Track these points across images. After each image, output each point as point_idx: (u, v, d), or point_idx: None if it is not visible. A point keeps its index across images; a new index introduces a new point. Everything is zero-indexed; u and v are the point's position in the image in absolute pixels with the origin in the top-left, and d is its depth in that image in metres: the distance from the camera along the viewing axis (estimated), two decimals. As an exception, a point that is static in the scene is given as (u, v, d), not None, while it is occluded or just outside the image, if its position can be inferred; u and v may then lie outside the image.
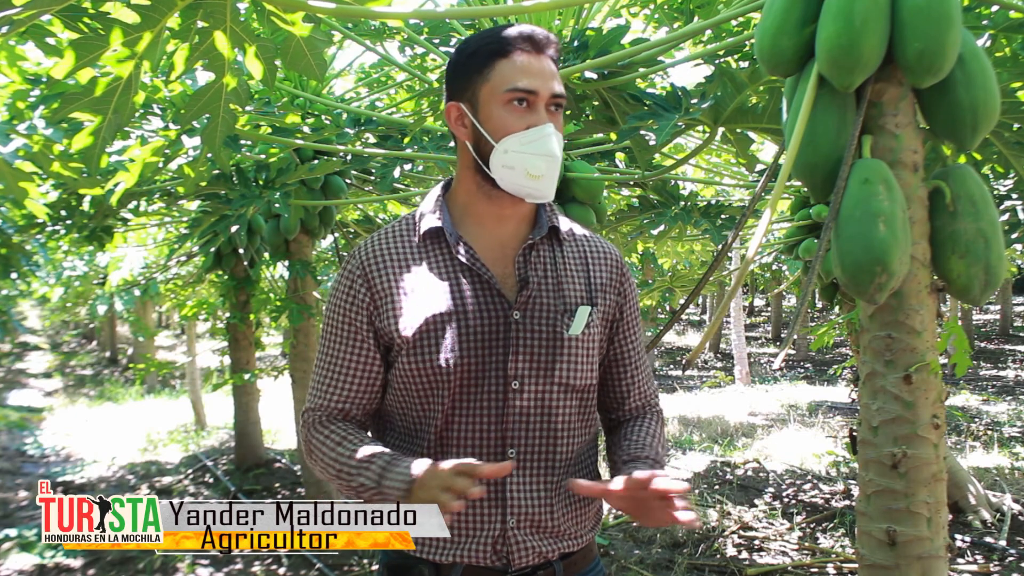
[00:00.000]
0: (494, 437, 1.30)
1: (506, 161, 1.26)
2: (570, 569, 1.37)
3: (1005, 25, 1.78)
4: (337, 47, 3.92)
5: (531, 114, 1.27)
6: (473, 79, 1.29)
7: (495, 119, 1.27)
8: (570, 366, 1.32)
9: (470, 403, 1.30)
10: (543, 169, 1.26)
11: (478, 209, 1.35)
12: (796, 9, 1.48)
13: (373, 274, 1.33)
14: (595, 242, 1.44)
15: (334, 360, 1.36)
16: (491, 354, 1.29)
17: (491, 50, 1.27)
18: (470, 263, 1.32)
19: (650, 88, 3.15)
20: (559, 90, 1.29)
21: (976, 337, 15.89)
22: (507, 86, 1.25)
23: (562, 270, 1.36)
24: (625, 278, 1.43)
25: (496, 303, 1.30)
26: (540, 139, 1.26)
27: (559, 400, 1.32)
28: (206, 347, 17.74)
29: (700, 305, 21.45)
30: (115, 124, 1.62)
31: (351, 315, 1.34)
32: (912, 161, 1.49)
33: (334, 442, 1.33)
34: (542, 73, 1.27)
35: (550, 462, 1.33)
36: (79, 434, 8.80)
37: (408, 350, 1.30)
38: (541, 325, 1.31)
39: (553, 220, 1.39)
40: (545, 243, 1.38)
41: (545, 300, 1.32)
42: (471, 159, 1.32)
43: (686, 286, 4.81)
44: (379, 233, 1.39)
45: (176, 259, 7.01)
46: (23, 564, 4.49)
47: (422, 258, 1.34)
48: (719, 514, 4.98)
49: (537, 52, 1.28)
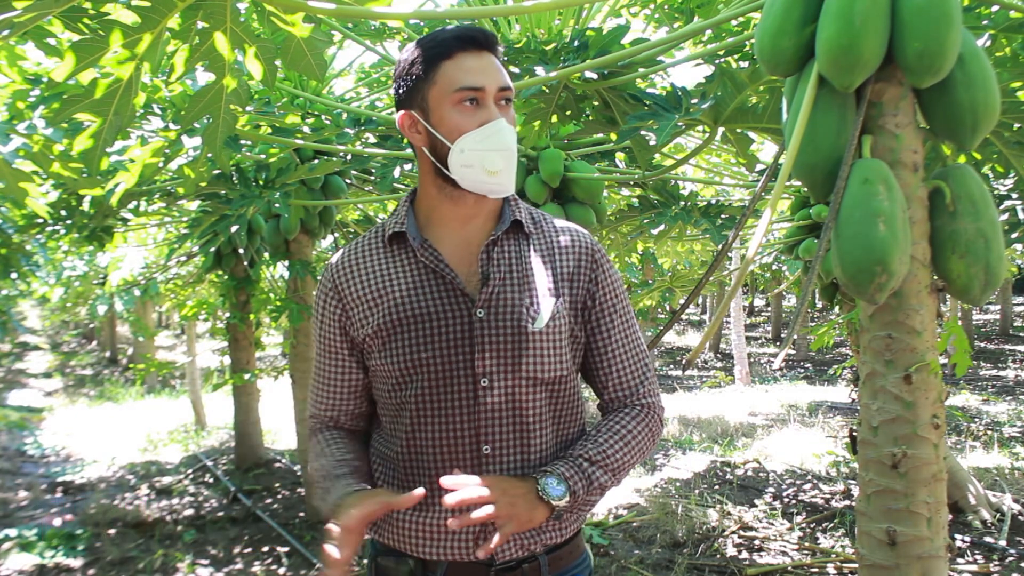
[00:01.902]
0: (468, 435, 1.31)
1: (464, 160, 1.27)
2: (556, 563, 1.37)
3: (1005, 25, 1.78)
4: (337, 47, 3.92)
5: (481, 111, 1.28)
6: (420, 85, 1.30)
7: (447, 121, 1.28)
8: (536, 359, 1.32)
9: (441, 403, 1.31)
10: (500, 164, 1.28)
11: (442, 212, 1.37)
12: (796, 9, 1.48)
13: (343, 285, 1.38)
14: (566, 231, 1.42)
15: (319, 370, 1.45)
16: (458, 353, 1.30)
17: (434, 54, 1.28)
18: (433, 264, 1.34)
19: (650, 88, 3.15)
20: (506, 83, 1.30)
21: (976, 337, 15.89)
22: (455, 86, 1.27)
23: (528, 263, 1.36)
24: (598, 266, 1.40)
25: (459, 302, 1.32)
26: (495, 135, 1.27)
27: (528, 394, 1.32)
28: (206, 347, 17.75)
29: (700, 305, 21.45)
30: (116, 126, 1.62)
31: (326, 327, 1.41)
32: (912, 161, 1.49)
33: (317, 452, 1.42)
34: (487, 69, 1.28)
35: (524, 456, 1.33)
36: (79, 434, 8.80)
37: (378, 354, 1.34)
38: (505, 321, 1.31)
39: (516, 214, 1.39)
40: (510, 238, 1.38)
41: (509, 295, 1.33)
42: (430, 164, 1.33)
43: (686, 286, 4.81)
44: (350, 245, 1.43)
45: (176, 259, 7.01)
46: (23, 564, 4.49)
47: (388, 264, 1.37)
48: (719, 514, 4.98)
49: (479, 50, 1.28)
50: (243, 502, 5.59)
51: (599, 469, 1.31)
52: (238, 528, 5.11)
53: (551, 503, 1.25)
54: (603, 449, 1.33)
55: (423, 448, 1.33)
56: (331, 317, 1.39)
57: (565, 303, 1.36)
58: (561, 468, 1.28)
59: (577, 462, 1.30)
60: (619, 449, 1.34)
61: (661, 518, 4.91)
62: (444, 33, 1.29)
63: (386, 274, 1.36)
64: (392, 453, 1.38)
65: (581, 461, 1.31)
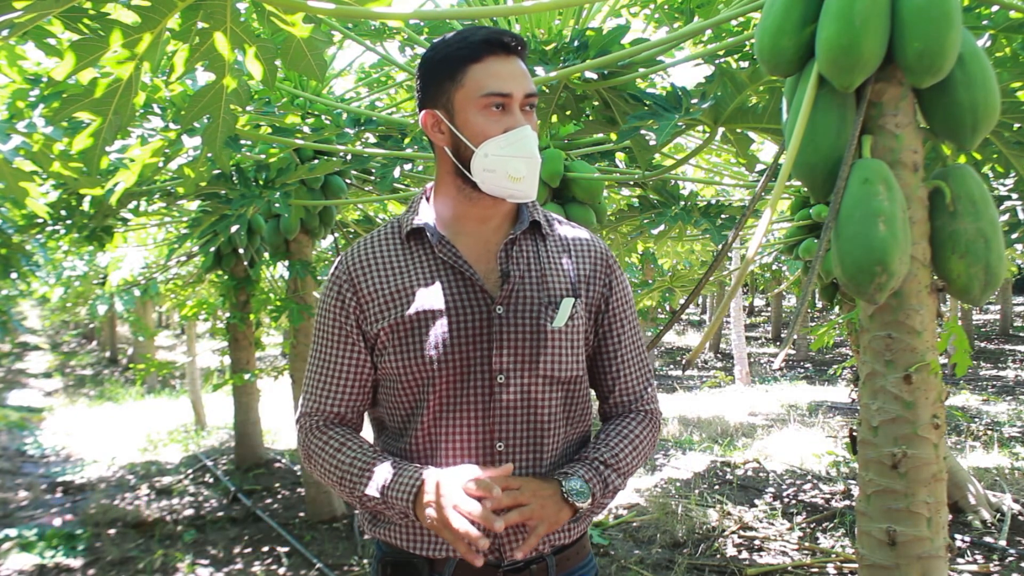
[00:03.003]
0: (482, 432, 1.31)
1: (487, 165, 1.28)
2: (564, 564, 1.38)
3: (1005, 25, 1.78)
4: (337, 47, 3.92)
5: (507, 117, 1.28)
6: (446, 86, 1.29)
7: (472, 124, 1.28)
8: (554, 358, 1.33)
9: (457, 399, 1.31)
10: (524, 171, 1.28)
11: (460, 210, 1.37)
12: (796, 9, 1.48)
13: (359, 277, 1.35)
14: (580, 235, 1.45)
15: (326, 364, 1.38)
16: (476, 350, 1.30)
17: (462, 56, 1.28)
18: (452, 261, 1.33)
19: (650, 88, 3.15)
20: (532, 90, 1.30)
21: (976, 337, 15.89)
22: (482, 91, 1.26)
23: (545, 263, 1.37)
24: (612, 272, 1.43)
25: (479, 299, 1.32)
26: (519, 141, 1.27)
27: (544, 392, 1.33)
28: (206, 347, 17.75)
29: (700, 305, 21.45)
30: (115, 125, 1.62)
31: (340, 319, 1.36)
32: (912, 161, 1.49)
33: (334, 448, 1.35)
34: (515, 75, 1.28)
35: (537, 455, 1.34)
36: (79, 434, 8.80)
37: (394, 350, 1.32)
38: (524, 318, 1.32)
39: (534, 215, 1.40)
40: (528, 237, 1.39)
41: (528, 293, 1.33)
42: (451, 164, 1.33)
43: (686, 286, 4.80)
44: (366, 237, 1.42)
45: (176, 259, 7.01)
46: (23, 564, 4.48)
47: (406, 259, 1.36)
48: (719, 514, 4.98)
49: (508, 54, 1.28)
50: (243, 502, 5.59)
51: (613, 472, 1.34)
52: (238, 528, 5.11)
53: (575, 504, 1.27)
54: (615, 452, 1.35)
55: (437, 444, 1.32)
56: (348, 309, 1.35)
57: (582, 304, 1.37)
58: (582, 471, 1.31)
59: (594, 465, 1.32)
60: (629, 453, 1.37)
61: (661, 518, 4.91)
62: (473, 35, 1.28)
63: (404, 270, 1.35)
64: (400, 450, 1.36)
65: (598, 464, 1.33)
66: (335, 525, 4.97)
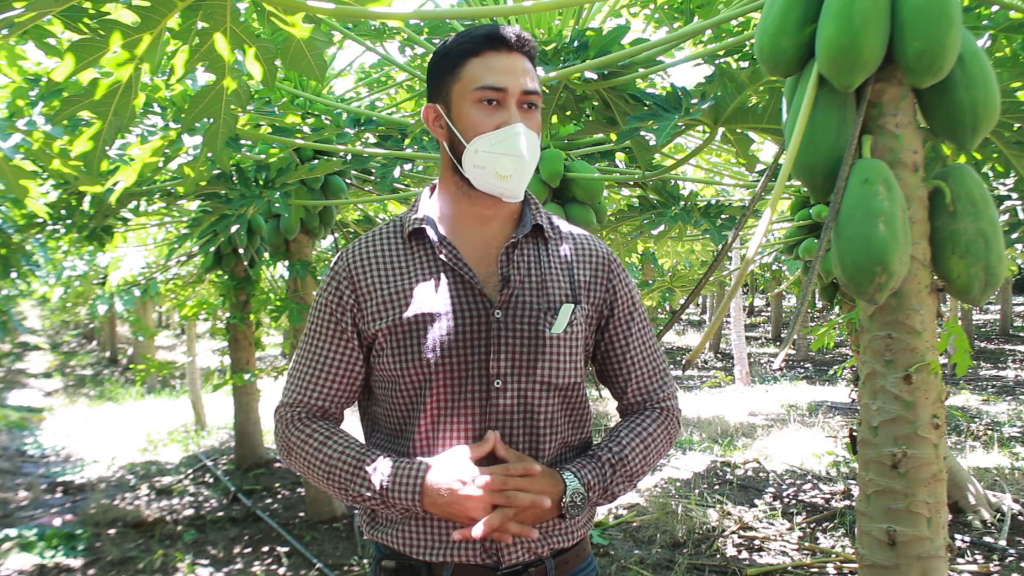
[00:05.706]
0: (477, 436, 1.30)
1: (477, 161, 1.27)
2: (563, 567, 1.37)
3: (1005, 25, 1.78)
4: (337, 47, 3.92)
5: (501, 112, 1.26)
6: (446, 79, 1.29)
7: (465, 118, 1.27)
8: (552, 364, 1.32)
9: (453, 403, 1.30)
10: (511, 169, 1.26)
11: (461, 210, 1.36)
12: (796, 9, 1.48)
13: (358, 275, 1.34)
14: (582, 240, 1.43)
15: (317, 357, 1.37)
16: (473, 354, 1.29)
17: (463, 50, 1.27)
18: (452, 263, 1.32)
19: (650, 88, 3.15)
20: (532, 87, 1.28)
21: (976, 337, 15.89)
22: (476, 84, 1.26)
23: (546, 268, 1.36)
24: (615, 275, 1.42)
25: (478, 303, 1.31)
26: (508, 139, 1.25)
27: (541, 398, 1.32)
28: (206, 347, 17.75)
29: (700, 305, 21.45)
30: (115, 126, 1.62)
31: (337, 314, 1.35)
32: (912, 161, 1.49)
33: (318, 441, 1.33)
34: (512, 70, 1.26)
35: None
36: (79, 434, 8.80)
37: (392, 352, 1.31)
38: (523, 324, 1.31)
39: (537, 218, 1.39)
40: (529, 241, 1.38)
41: (528, 298, 1.32)
42: (449, 160, 1.33)
43: (686, 286, 4.81)
44: (367, 235, 1.41)
45: (176, 259, 7.01)
46: (23, 564, 4.49)
47: (407, 259, 1.35)
48: (719, 514, 4.98)
49: (508, 50, 1.27)
50: (243, 502, 5.59)
51: (618, 473, 1.33)
52: (238, 528, 5.11)
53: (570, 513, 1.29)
54: (624, 456, 1.34)
55: (434, 447, 1.31)
56: (345, 305, 1.34)
57: (582, 311, 1.36)
58: (587, 475, 1.31)
59: (601, 467, 1.32)
60: (639, 454, 1.36)
61: (661, 518, 4.91)
62: (478, 30, 1.28)
63: (404, 270, 1.34)
64: (396, 451, 1.35)
65: (605, 467, 1.33)
66: (335, 525, 4.97)
